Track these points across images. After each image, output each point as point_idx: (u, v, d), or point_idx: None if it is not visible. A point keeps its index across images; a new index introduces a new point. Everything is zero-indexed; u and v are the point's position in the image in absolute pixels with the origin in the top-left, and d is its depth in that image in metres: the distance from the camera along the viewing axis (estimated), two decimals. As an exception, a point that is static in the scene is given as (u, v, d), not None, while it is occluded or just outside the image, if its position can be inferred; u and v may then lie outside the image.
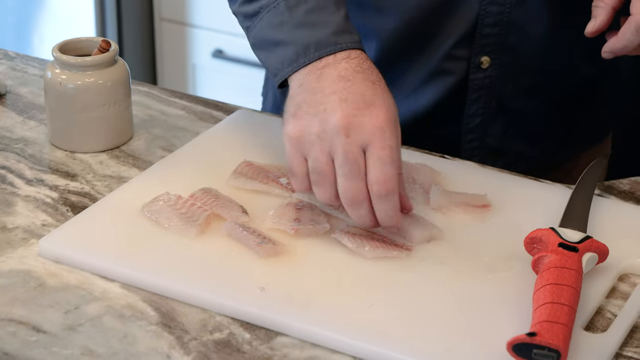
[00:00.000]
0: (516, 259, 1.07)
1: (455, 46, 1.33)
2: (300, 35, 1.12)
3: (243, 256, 1.07)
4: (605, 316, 1.02)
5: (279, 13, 1.15)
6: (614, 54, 1.20)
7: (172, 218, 1.11)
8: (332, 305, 1.00)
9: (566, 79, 1.38)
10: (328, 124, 1.06)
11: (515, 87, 1.36)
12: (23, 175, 1.22)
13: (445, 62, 1.34)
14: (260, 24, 1.16)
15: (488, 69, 1.34)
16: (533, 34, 1.33)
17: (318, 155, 1.06)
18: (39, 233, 1.11)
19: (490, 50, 1.33)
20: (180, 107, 1.38)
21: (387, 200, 1.06)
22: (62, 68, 1.25)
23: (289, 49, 1.13)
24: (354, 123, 1.05)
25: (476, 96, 1.36)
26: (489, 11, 1.31)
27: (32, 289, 1.03)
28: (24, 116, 1.35)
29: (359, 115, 1.06)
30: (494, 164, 1.32)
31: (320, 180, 1.07)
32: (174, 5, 2.87)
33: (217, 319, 1.00)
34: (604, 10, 1.20)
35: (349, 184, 1.05)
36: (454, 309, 1.01)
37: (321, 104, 1.07)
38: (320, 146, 1.06)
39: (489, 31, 1.32)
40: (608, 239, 1.08)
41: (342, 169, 1.05)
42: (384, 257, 1.07)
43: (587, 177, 1.18)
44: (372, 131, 1.05)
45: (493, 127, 1.38)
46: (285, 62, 1.13)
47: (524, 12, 1.31)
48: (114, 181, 1.21)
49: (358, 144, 1.05)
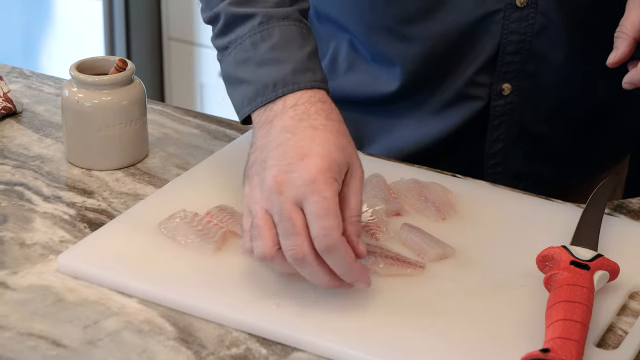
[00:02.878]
0: (528, 276, 1.08)
1: (477, 73, 1.35)
2: (261, 75, 1.11)
3: (259, 272, 1.08)
4: (616, 333, 1.03)
5: (244, 49, 1.14)
6: (634, 85, 1.22)
7: (188, 235, 1.12)
8: (348, 321, 1.01)
9: (585, 103, 1.40)
10: (265, 183, 1.03)
11: (536, 112, 1.38)
12: (40, 192, 1.23)
13: (467, 88, 1.36)
14: (228, 59, 1.16)
15: (509, 95, 1.36)
16: (554, 62, 1.34)
17: (257, 212, 1.04)
18: (57, 249, 1.13)
19: (512, 78, 1.35)
20: (194, 125, 1.40)
21: (333, 254, 1.01)
22: (79, 87, 1.27)
23: (249, 87, 1.12)
24: (286, 180, 1.02)
25: (498, 122, 1.37)
26: (510, 40, 1.32)
27: (52, 304, 1.05)
28: (41, 134, 1.37)
29: (291, 170, 1.03)
30: (515, 187, 1.33)
31: (257, 234, 1.03)
32: (182, 24, 2.90)
33: (234, 335, 1.01)
34: (625, 41, 1.22)
35: (286, 241, 1.01)
36: (467, 325, 1.02)
37: (264, 161, 1.05)
38: (260, 204, 1.03)
39: (510, 59, 1.33)
40: (619, 257, 1.09)
41: (279, 227, 1.02)
42: (398, 275, 1.08)
43: (598, 196, 1.20)
44: (304, 185, 1.02)
45: (515, 152, 1.40)
46: (245, 101, 1.13)
47: (544, 41, 1.33)
48: (130, 198, 1.23)
49: (292, 201, 1.02)
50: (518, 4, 1.31)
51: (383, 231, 1.15)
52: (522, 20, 1.32)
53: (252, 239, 1.03)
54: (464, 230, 1.17)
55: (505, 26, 1.32)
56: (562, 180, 1.44)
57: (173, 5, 2.89)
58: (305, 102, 1.08)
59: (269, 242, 1.02)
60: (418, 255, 1.12)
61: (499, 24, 1.32)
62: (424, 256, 1.11)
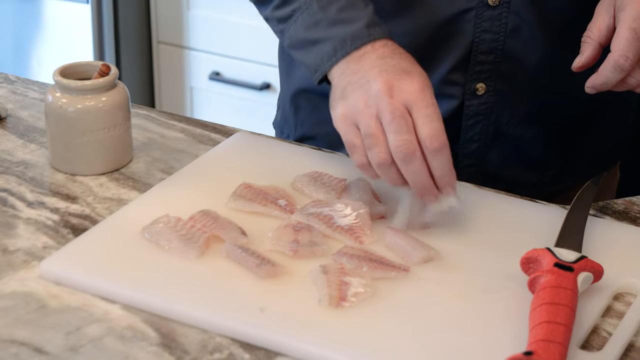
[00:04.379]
0: (512, 278, 1.08)
1: (450, 72, 1.35)
2: (336, 32, 1.19)
3: (242, 277, 1.08)
4: (600, 335, 1.03)
5: (313, 13, 1.22)
6: (596, 90, 1.22)
7: (172, 240, 1.12)
8: (331, 326, 1.01)
9: (565, 108, 1.40)
10: (371, 91, 1.11)
11: (513, 114, 1.38)
12: (24, 198, 1.23)
13: (442, 87, 1.36)
14: (295, 25, 1.23)
15: (484, 95, 1.36)
16: (528, 63, 1.34)
17: (367, 121, 1.11)
18: (40, 255, 1.12)
19: (486, 77, 1.35)
20: (179, 129, 1.39)
21: (441, 154, 1.10)
22: (63, 92, 1.26)
23: (327, 45, 1.20)
24: (395, 86, 1.11)
25: (472, 122, 1.37)
26: (482, 39, 1.32)
27: (34, 310, 1.04)
28: (25, 139, 1.36)
29: (400, 79, 1.12)
30: (493, 189, 1.33)
31: (373, 142, 1.11)
32: (171, 28, 2.89)
33: (217, 340, 1.01)
34: (590, 46, 1.22)
35: (400, 137, 1.09)
36: (451, 328, 1.02)
37: (363, 78, 1.13)
38: (367, 112, 1.11)
39: (484, 58, 1.34)
40: (603, 258, 1.09)
41: (391, 126, 1.10)
42: (382, 278, 1.08)
43: (583, 198, 1.20)
44: (414, 92, 1.11)
45: (491, 153, 1.40)
46: (324, 57, 1.20)
47: (518, 41, 1.33)
48: (114, 203, 1.23)
49: (402, 103, 1.11)
50: (490, 3, 1.31)
51: (367, 234, 1.15)
52: (495, 19, 1.32)
53: (368, 148, 1.11)
54: (448, 233, 1.16)
55: (478, 25, 1.32)
56: (542, 186, 1.44)
57: (162, 8, 2.88)
58: (392, 45, 1.18)
59: (386, 148, 1.11)
60: (402, 258, 1.12)
61: (471, 22, 1.32)
62: (408, 259, 1.11)
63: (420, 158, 1.11)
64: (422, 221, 1.16)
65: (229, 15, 2.76)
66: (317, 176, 1.25)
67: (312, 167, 1.28)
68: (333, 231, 1.15)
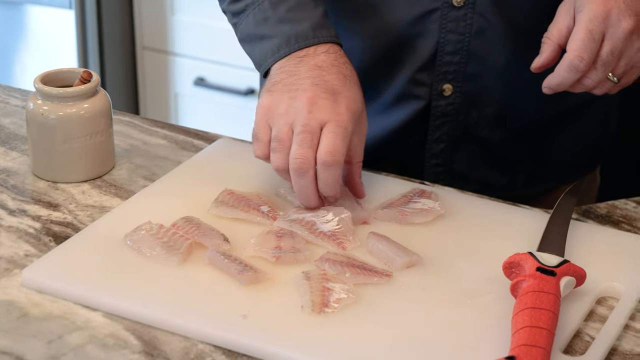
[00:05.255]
0: (495, 283, 1.08)
1: (417, 72, 1.36)
2: (282, 29, 1.23)
3: (225, 284, 1.07)
4: (583, 339, 1.03)
5: (263, 10, 1.27)
6: (552, 90, 1.23)
7: (154, 247, 1.12)
8: (314, 332, 1.01)
9: (534, 111, 1.39)
10: (297, 101, 1.16)
11: (480, 116, 1.38)
12: (5, 206, 1.22)
13: (410, 87, 1.37)
14: (247, 20, 1.28)
15: (451, 96, 1.36)
16: (494, 65, 1.34)
17: (281, 126, 1.16)
18: (22, 263, 1.12)
19: (452, 79, 1.35)
20: (162, 136, 1.39)
21: (330, 170, 1.14)
22: (44, 99, 1.26)
23: (272, 41, 1.24)
24: (318, 103, 1.16)
25: (440, 122, 1.38)
26: (448, 39, 1.33)
27: (15, 319, 1.04)
28: (6, 147, 1.36)
29: (325, 98, 1.16)
30: (462, 189, 1.33)
31: (279, 147, 1.16)
32: (155, 33, 2.89)
33: (199, 347, 1.01)
34: (549, 47, 1.22)
35: (300, 150, 1.14)
36: (434, 333, 1.02)
37: (294, 84, 1.18)
38: (285, 118, 1.16)
39: (449, 59, 1.34)
40: (585, 262, 1.09)
41: (297, 137, 1.14)
42: (365, 283, 1.08)
43: (565, 202, 1.20)
44: (333, 113, 1.15)
45: (459, 153, 1.40)
46: (268, 53, 1.24)
47: (484, 43, 1.33)
48: (96, 211, 1.22)
49: (317, 121, 1.15)
50: (455, 4, 1.32)
51: (350, 240, 1.15)
52: (460, 20, 1.32)
53: (272, 150, 1.17)
54: (430, 238, 1.17)
55: (443, 25, 1.32)
56: (514, 188, 1.44)
57: (146, 14, 2.88)
58: (334, 52, 1.22)
59: (288, 157, 1.15)
60: (385, 263, 1.12)
61: (436, 22, 1.33)
62: (390, 265, 1.11)
63: (312, 176, 1.15)
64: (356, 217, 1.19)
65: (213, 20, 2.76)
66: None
67: (294, 172, 1.28)
68: (315, 237, 1.15)
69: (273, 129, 1.17)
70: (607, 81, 1.21)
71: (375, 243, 1.13)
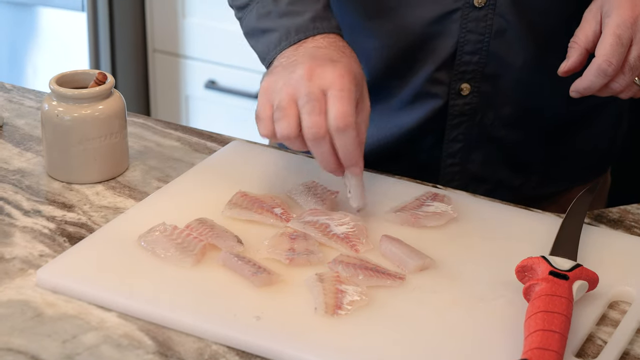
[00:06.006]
0: (508, 287, 1.08)
1: (436, 70, 1.36)
2: (283, 23, 1.25)
3: (238, 286, 1.08)
4: (595, 343, 1.03)
5: (266, 4, 1.28)
6: (580, 94, 1.23)
7: (168, 248, 1.12)
8: (327, 334, 1.01)
9: (551, 113, 1.40)
10: (295, 73, 1.15)
11: (497, 116, 1.39)
12: (20, 207, 1.23)
13: (428, 86, 1.37)
14: (250, 15, 1.29)
15: (468, 96, 1.37)
16: (513, 66, 1.35)
17: (283, 96, 1.15)
18: (36, 263, 1.13)
19: (470, 78, 1.36)
20: (175, 138, 1.40)
21: (345, 135, 1.12)
22: (59, 100, 1.27)
23: (274, 35, 1.25)
24: (317, 71, 1.15)
25: (457, 122, 1.38)
26: (467, 39, 1.34)
27: (30, 318, 1.04)
28: (21, 148, 1.37)
29: (322, 66, 1.15)
30: (475, 190, 1.34)
31: (282, 115, 1.14)
32: (167, 36, 2.89)
33: (213, 348, 1.01)
34: (576, 52, 1.23)
35: (311, 118, 1.12)
36: (447, 336, 1.02)
37: (292, 63, 1.18)
38: (285, 90, 1.15)
39: (468, 59, 1.35)
40: (598, 266, 1.09)
41: (305, 107, 1.13)
42: (378, 286, 1.08)
43: (578, 206, 1.20)
44: (333, 77, 1.14)
45: (475, 153, 1.41)
46: (270, 46, 1.26)
47: (503, 44, 1.33)
48: (110, 212, 1.23)
49: (319, 87, 1.14)
50: (476, 4, 1.32)
51: (363, 243, 1.15)
52: (480, 21, 1.33)
53: (276, 121, 1.14)
54: (443, 241, 1.17)
55: (463, 25, 1.33)
56: (528, 189, 1.44)
57: (158, 17, 2.89)
58: (333, 38, 1.23)
59: (294, 122, 1.14)
60: (398, 266, 1.12)
61: (457, 22, 1.33)
62: (403, 268, 1.11)
63: (328, 141, 1.14)
64: (352, 205, 1.19)
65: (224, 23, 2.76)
66: (312, 186, 1.25)
67: (307, 175, 1.28)
68: (329, 239, 1.15)
69: (274, 102, 1.16)
70: (634, 85, 1.22)
71: (388, 246, 1.14)
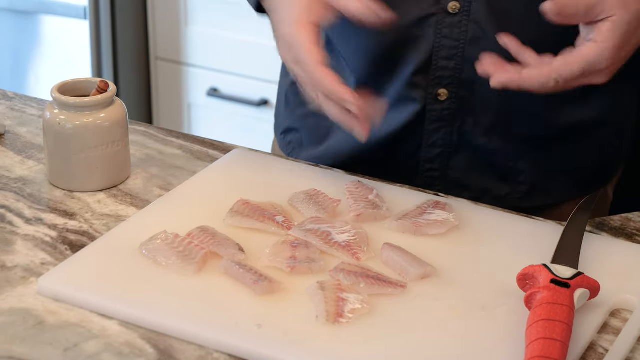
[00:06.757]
0: (509, 295, 1.08)
1: (414, 74, 1.36)
2: None
3: (240, 294, 1.08)
4: (597, 351, 1.03)
5: None
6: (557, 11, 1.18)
7: (169, 256, 1.12)
8: (329, 342, 1.01)
9: (533, 122, 1.38)
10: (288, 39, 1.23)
11: (477, 123, 1.38)
12: (22, 215, 1.23)
13: (408, 90, 1.37)
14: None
15: (446, 101, 1.37)
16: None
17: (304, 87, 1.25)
18: (38, 272, 1.13)
19: (448, 84, 1.36)
20: (177, 146, 1.40)
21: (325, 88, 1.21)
22: (61, 108, 1.27)
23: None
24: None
25: (435, 127, 1.38)
26: (443, 45, 1.34)
27: (32, 327, 1.04)
28: (23, 156, 1.37)
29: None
30: (459, 196, 1.32)
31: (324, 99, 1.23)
32: (169, 44, 2.90)
33: (214, 356, 1.01)
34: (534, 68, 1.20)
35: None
36: (448, 344, 1.02)
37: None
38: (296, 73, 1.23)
39: (445, 64, 1.35)
40: (599, 275, 1.09)
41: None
42: (379, 294, 1.09)
43: (579, 214, 1.20)
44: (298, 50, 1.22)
45: (455, 160, 1.40)
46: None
47: (479, 50, 1.31)
48: (112, 220, 1.23)
49: (293, 62, 1.24)
50: (450, 10, 1.32)
51: (364, 251, 1.15)
52: (454, 27, 1.33)
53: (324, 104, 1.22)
54: (444, 250, 1.17)
55: (438, 30, 1.33)
56: (514, 201, 1.42)
57: (160, 25, 2.89)
58: None
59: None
60: (399, 274, 1.12)
61: (432, 27, 1.34)
62: (405, 276, 1.12)
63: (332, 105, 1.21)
64: None
65: (226, 31, 2.77)
66: (314, 194, 1.25)
67: (309, 183, 1.29)
68: (330, 247, 1.15)
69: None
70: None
71: (389, 254, 1.14)
